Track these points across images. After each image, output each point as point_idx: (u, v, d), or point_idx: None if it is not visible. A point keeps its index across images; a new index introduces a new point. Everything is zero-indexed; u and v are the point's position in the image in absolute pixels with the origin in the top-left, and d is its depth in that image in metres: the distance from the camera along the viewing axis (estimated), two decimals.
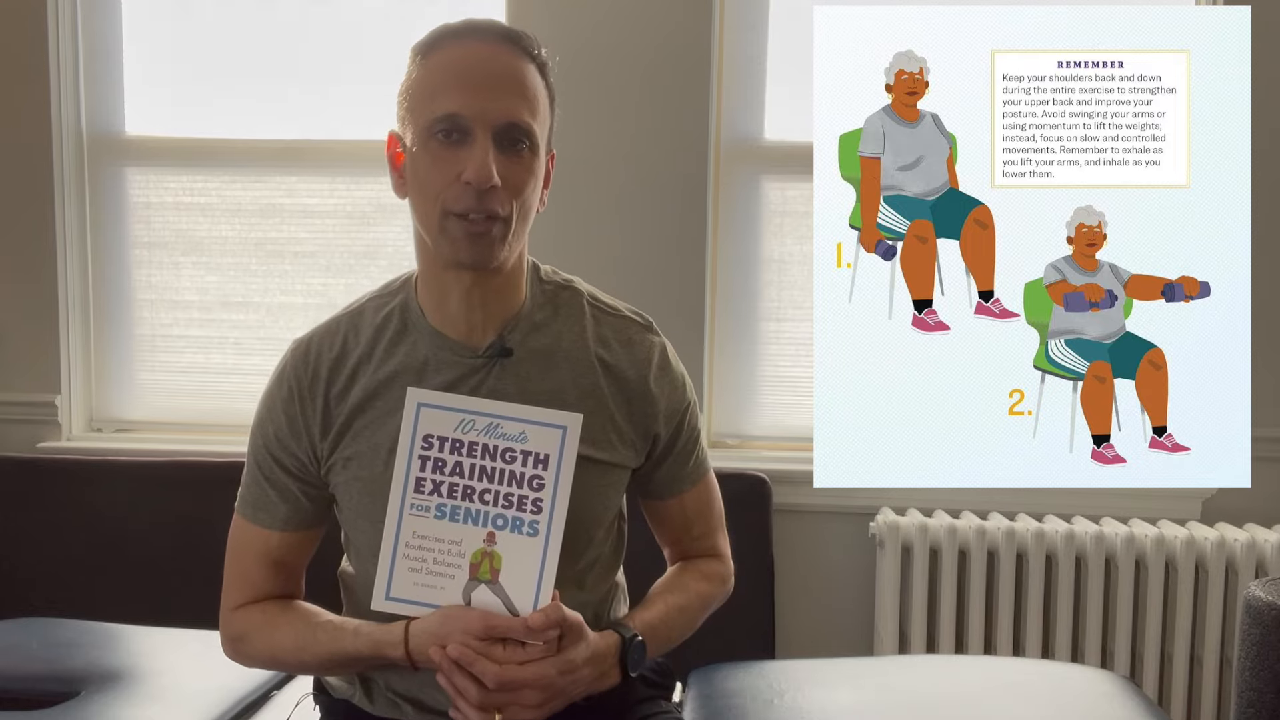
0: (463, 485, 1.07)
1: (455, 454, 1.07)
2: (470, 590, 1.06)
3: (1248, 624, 1.66)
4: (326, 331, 1.19)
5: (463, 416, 1.07)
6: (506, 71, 1.06)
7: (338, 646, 1.13)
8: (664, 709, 1.27)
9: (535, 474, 1.06)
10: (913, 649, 2.24)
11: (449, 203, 1.05)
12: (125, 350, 2.50)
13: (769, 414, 2.39)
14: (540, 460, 1.06)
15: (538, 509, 1.05)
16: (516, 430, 1.06)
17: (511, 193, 1.06)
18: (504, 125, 1.04)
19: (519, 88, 1.06)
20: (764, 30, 2.32)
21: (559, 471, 1.06)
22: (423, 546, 1.08)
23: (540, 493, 1.06)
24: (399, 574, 1.08)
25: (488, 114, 1.04)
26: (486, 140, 1.04)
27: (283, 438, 1.17)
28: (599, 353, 1.18)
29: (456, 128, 1.04)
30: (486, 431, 1.07)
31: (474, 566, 1.06)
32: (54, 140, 2.40)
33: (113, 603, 2.16)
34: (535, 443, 1.06)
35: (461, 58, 1.06)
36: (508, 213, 1.06)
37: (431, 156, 1.06)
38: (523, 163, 1.07)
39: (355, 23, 2.36)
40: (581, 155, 2.28)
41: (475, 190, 1.03)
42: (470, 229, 1.05)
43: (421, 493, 1.08)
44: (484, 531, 1.06)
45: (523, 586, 1.05)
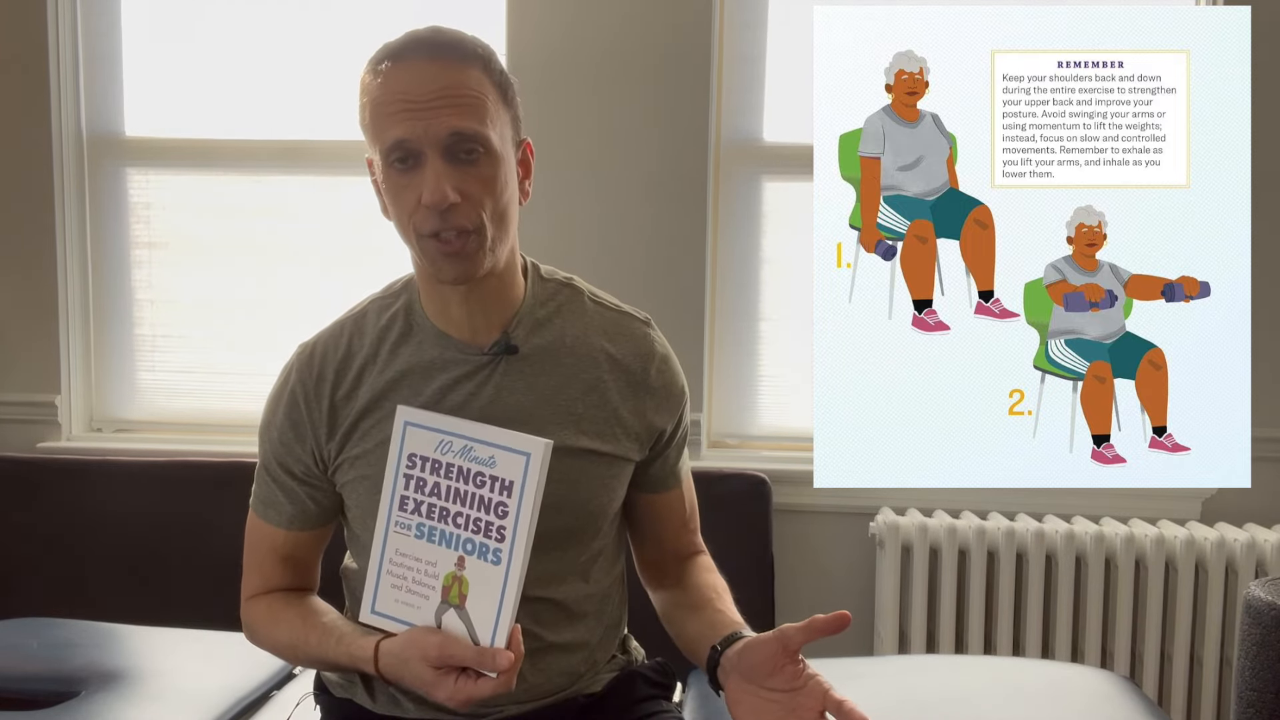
0: (439, 507, 1.06)
1: (434, 474, 1.06)
2: (441, 613, 1.05)
3: (1248, 624, 1.66)
4: (331, 335, 1.20)
5: (441, 437, 1.06)
6: (443, 83, 1.05)
7: (323, 652, 1.15)
8: (664, 709, 1.27)
9: (501, 500, 1.03)
10: (913, 649, 2.24)
11: (418, 226, 1.06)
12: (125, 350, 2.50)
13: (769, 414, 2.39)
14: (506, 487, 1.02)
15: (501, 537, 1.02)
16: (487, 454, 1.04)
17: (474, 204, 1.05)
18: (449, 139, 1.04)
19: (458, 98, 1.05)
20: (764, 30, 2.32)
21: (521, 499, 1.01)
22: (404, 564, 1.08)
23: (504, 520, 1.02)
24: (383, 589, 1.09)
25: (430, 132, 1.03)
26: (437, 159, 1.04)
27: (287, 442, 1.18)
28: (602, 347, 1.19)
29: (407, 154, 1.05)
30: (461, 454, 1.05)
31: (445, 589, 1.05)
32: (54, 140, 2.40)
33: (113, 603, 2.16)
34: (502, 468, 1.03)
35: (398, 81, 1.05)
36: (477, 224, 1.06)
37: (393, 185, 1.07)
38: (479, 171, 1.06)
39: (355, 23, 2.36)
40: (582, 155, 2.29)
41: (436, 211, 1.04)
42: (444, 249, 1.06)
43: (405, 511, 1.08)
44: (455, 555, 1.05)
45: (485, 615, 1.02)
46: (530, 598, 1.12)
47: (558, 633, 1.19)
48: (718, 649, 1.10)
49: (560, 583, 1.18)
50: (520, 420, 1.13)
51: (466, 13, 2.23)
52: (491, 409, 1.13)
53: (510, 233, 1.12)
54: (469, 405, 1.13)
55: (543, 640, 1.17)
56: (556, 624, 1.18)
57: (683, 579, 1.27)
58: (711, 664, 1.11)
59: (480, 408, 1.13)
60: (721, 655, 1.09)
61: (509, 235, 1.12)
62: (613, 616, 1.28)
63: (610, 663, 1.28)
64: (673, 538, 1.30)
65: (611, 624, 1.27)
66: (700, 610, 1.20)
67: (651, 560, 1.31)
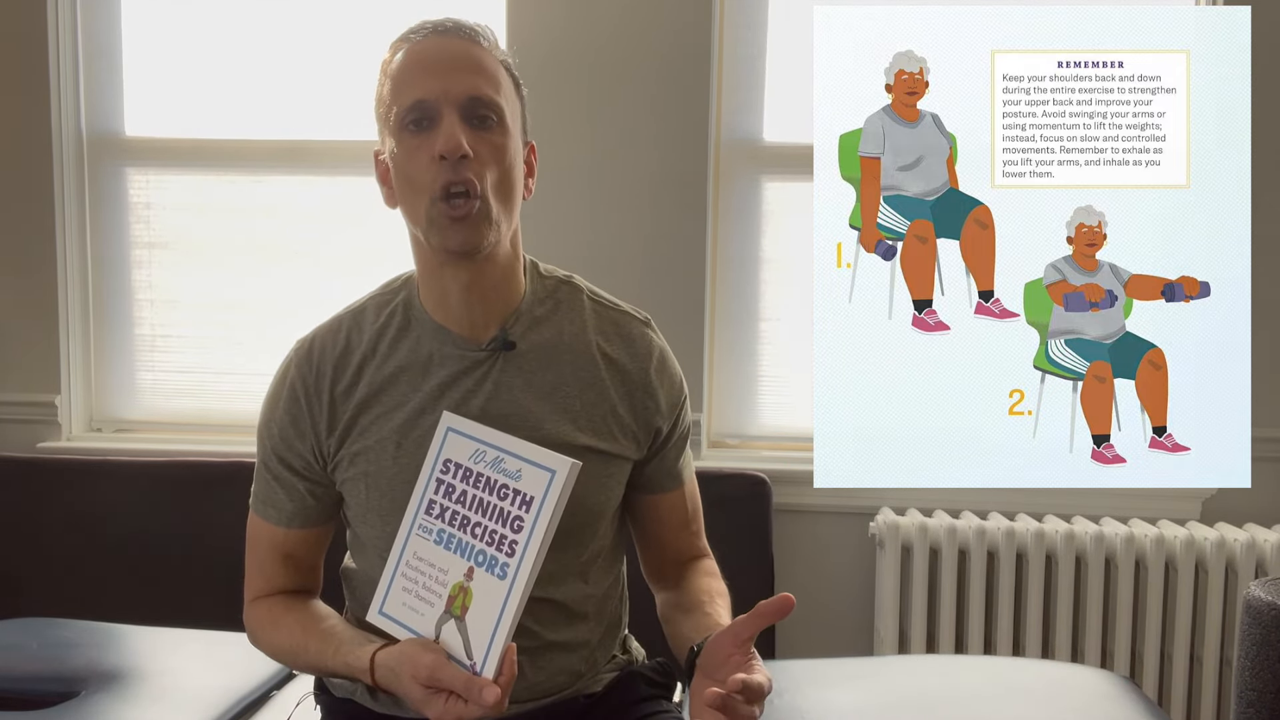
0: (461, 515, 1.06)
1: (464, 483, 1.06)
2: (442, 624, 1.04)
3: (1248, 624, 1.66)
4: (329, 330, 1.19)
5: (478, 447, 1.06)
6: (463, 53, 1.09)
7: (321, 659, 1.14)
8: (664, 709, 1.27)
9: (518, 514, 1.02)
10: (913, 649, 2.24)
11: (430, 184, 1.06)
12: (125, 350, 2.50)
13: (769, 414, 2.39)
14: (526, 501, 1.02)
15: (511, 551, 1.01)
16: (515, 467, 1.03)
17: (485, 165, 1.07)
18: (467, 100, 1.07)
19: (477, 66, 1.09)
20: (764, 30, 2.32)
21: (538, 516, 1.00)
22: (418, 569, 1.07)
23: (518, 535, 1.01)
24: (394, 591, 1.08)
25: (450, 92, 1.07)
26: (454, 116, 1.06)
27: (287, 437, 1.17)
28: (600, 345, 1.19)
29: (424, 114, 1.07)
30: (492, 465, 1.04)
31: (450, 599, 1.04)
32: (54, 140, 2.40)
33: (113, 603, 2.16)
34: (526, 483, 1.02)
35: (419, 52, 1.10)
36: (484, 188, 1.07)
37: (407, 148, 1.09)
38: (492, 138, 1.08)
39: (356, 22, 2.36)
40: (582, 155, 2.29)
41: (450, 164, 1.05)
42: (452, 213, 1.06)
43: (430, 515, 1.08)
44: (466, 565, 1.04)
45: (481, 632, 1.01)
46: (531, 597, 1.12)
47: (558, 632, 1.19)
48: (694, 650, 1.10)
49: (560, 583, 1.17)
50: (518, 416, 1.13)
51: (466, 13, 2.22)
52: (490, 405, 1.13)
53: (513, 214, 1.13)
54: (468, 402, 1.13)
55: (543, 639, 1.17)
56: (556, 624, 1.18)
57: (681, 582, 1.27)
58: (690, 665, 1.10)
59: (479, 405, 1.13)
60: (699, 654, 1.08)
61: (512, 216, 1.12)
62: (613, 616, 1.28)
63: (610, 663, 1.28)
64: (673, 539, 1.29)
65: (612, 624, 1.27)
66: (691, 613, 1.20)
67: (654, 562, 1.31)
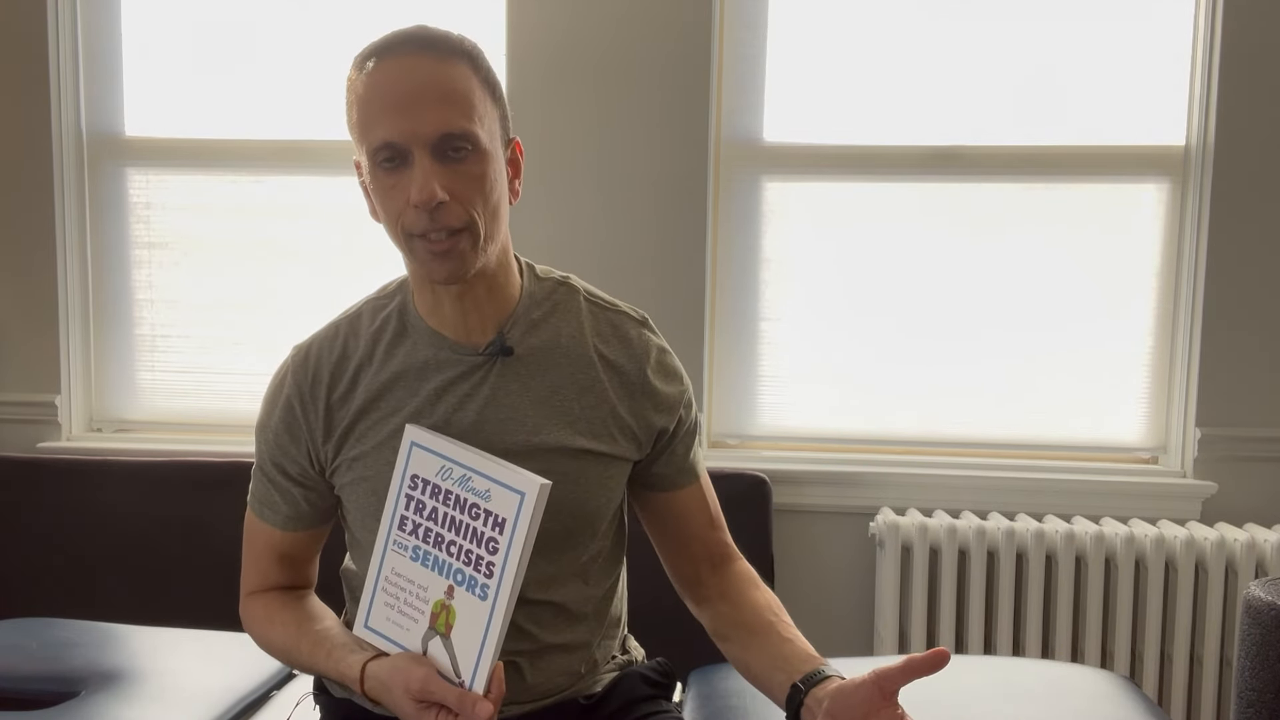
0: (435, 532, 1.05)
1: (434, 499, 1.06)
2: (428, 640, 1.04)
3: (1248, 624, 1.66)
4: (326, 336, 1.19)
5: (443, 463, 1.05)
6: (430, 83, 1.04)
7: (313, 662, 1.15)
8: (664, 709, 1.27)
9: (492, 536, 1.01)
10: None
11: (407, 226, 1.05)
12: (125, 350, 2.50)
13: (769, 414, 2.38)
14: (499, 523, 1.01)
15: (490, 573, 1.00)
16: (484, 487, 1.02)
17: (464, 202, 1.04)
18: (439, 139, 1.03)
19: (446, 96, 1.04)
20: (764, 30, 2.31)
21: (511, 539, 0.99)
22: (398, 584, 1.07)
23: (494, 556, 1.00)
24: (377, 606, 1.08)
25: (419, 133, 1.03)
26: (425, 158, 1.03)
27: (283, 443, 1.17)
28: (597, 347, 1.18)
29: (395, 154, 1.04)
30: (460, 483, 1.04)
31: (433, 616, 1.04)
32: (54, 140, 2.40)
33: (113, 603, 2.16)
34: (497, 503, 1.01)
35: (384, 81, 1.05)
36: (466, 222, 1.05)
37: (381, 186, 1.07)
38: (468, 170, 1.05)
39: (355, 23, 2.36)
40: (581, 155, 2.29)
41: (425, 211, 1.03)
42: (434, 249, 1.05)
43: (403, 531, 1.07)
44: (446, 583, 1.04)
45: (467, 649, 1.01)
46: (531, 600, 1.12)
47: (558, 634, 1.18)
48: (800, 688, 1.05)
49: (560, 585, 1.17)
50: (515, 421, 1.12)
51: (466, 13, 2.23)
52: (487, 411, 1.13)
53: (501, 231, 1.11)
54: (465, 407, 1.12)
55: (543, 641, 1.17)
56: (556, 625, 1.18)
57: (728, 592, 1.22)
58: (794, 703, 1.05)
59: (476, 410, 1.12)
60: (807, 695, 1.03)
61: (500, 234, 1.11)
62: (613, 617, 1.27)
63: (610, 663, 1.28)
64: (702, 536, 1.25)
65: (612, 624, 1.27)
66: (765, 636, 1.15)
67: (685, 570, 1.26)
